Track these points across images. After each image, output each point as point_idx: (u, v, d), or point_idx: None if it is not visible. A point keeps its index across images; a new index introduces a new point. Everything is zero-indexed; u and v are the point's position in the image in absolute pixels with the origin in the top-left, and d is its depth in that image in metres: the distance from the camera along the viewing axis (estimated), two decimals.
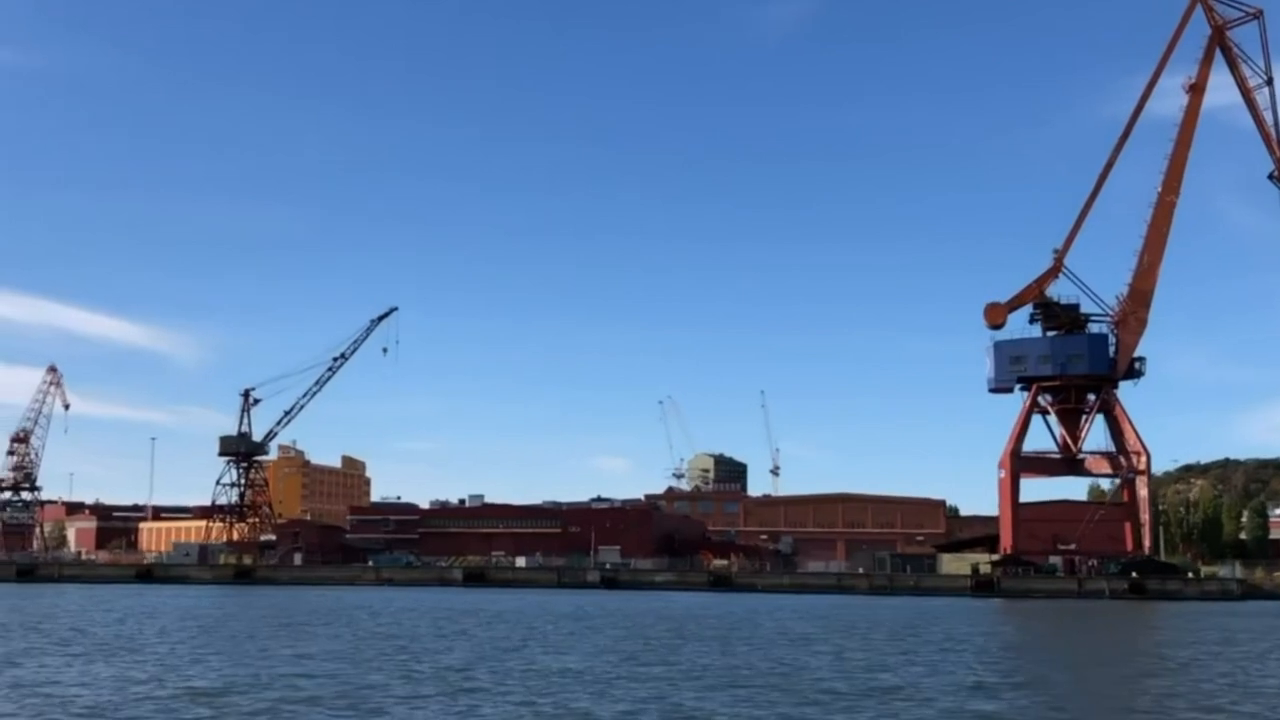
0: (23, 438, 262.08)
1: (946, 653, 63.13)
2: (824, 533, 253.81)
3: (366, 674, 48.12)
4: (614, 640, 68.36)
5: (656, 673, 50.26)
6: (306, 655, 55.97)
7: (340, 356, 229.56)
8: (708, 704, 40.28)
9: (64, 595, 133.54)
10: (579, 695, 42.09)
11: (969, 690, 45.94)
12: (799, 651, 62.35)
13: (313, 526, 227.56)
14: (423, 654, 57.91)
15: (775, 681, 47.68)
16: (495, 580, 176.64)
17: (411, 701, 39.86)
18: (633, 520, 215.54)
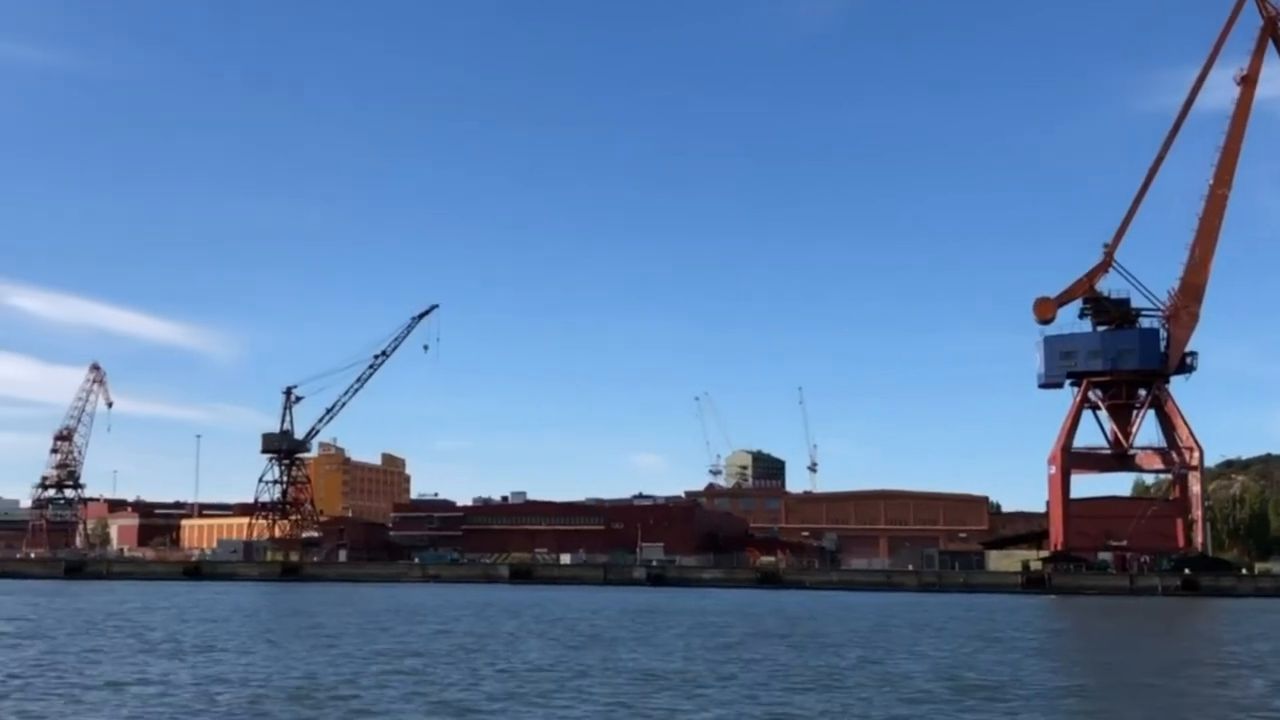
0: (66, 436, 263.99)
1: (1021, 649, 62.29)
2: (866, 529, 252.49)
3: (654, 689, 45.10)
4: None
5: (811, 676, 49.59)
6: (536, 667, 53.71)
7: (381, 354, 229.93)
8: (819, 704, 39.68)
9: (121, 592, 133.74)
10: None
11: (1066, 690, 45.20)
12: (880, 650, 61.64)
13: (357, 523, 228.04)
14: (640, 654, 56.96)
15: (870, 680, 47.07)
16: (541, 577, 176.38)
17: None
18: (676, 517, 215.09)
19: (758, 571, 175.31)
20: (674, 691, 42.49)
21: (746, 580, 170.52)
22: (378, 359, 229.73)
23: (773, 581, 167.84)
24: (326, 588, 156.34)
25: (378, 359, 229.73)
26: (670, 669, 50.16)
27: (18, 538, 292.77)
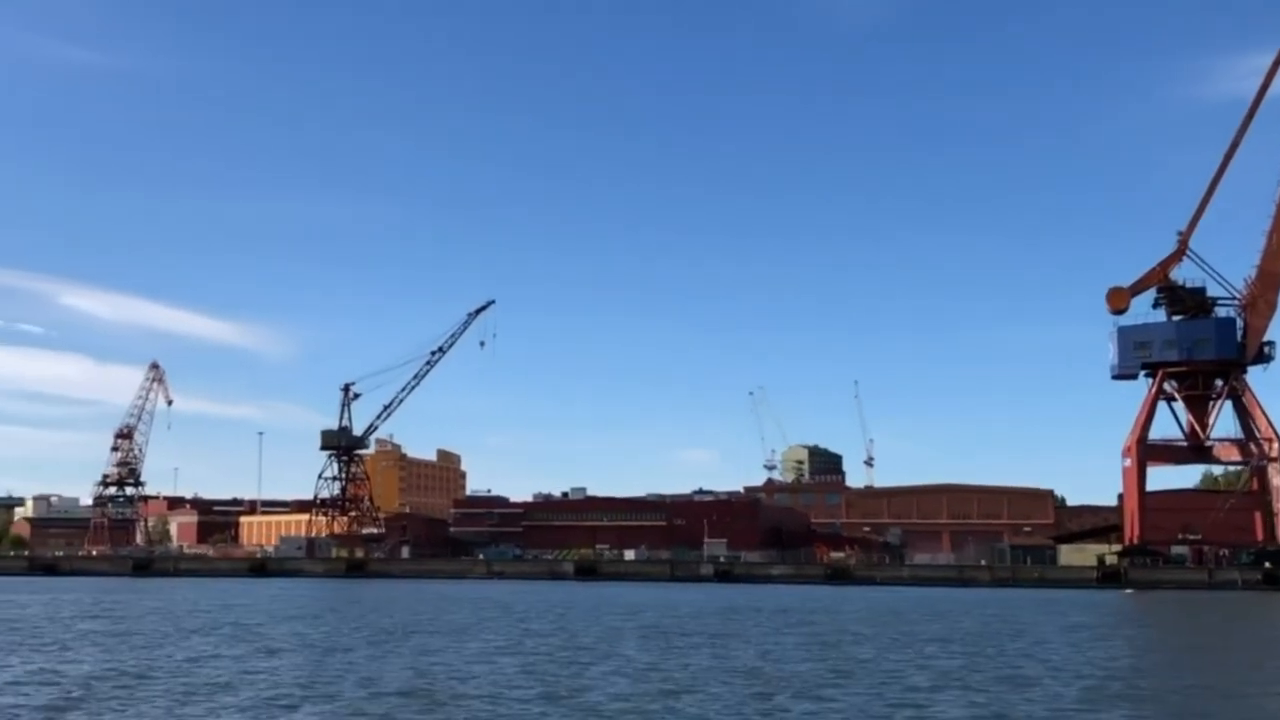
0: (126, 434, 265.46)
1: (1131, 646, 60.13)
2: (929, 524, 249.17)
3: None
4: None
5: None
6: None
7: (438, 350, 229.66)
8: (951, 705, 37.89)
9: (195, 589, 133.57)
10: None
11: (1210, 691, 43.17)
12: (992, 648, 59.68)
13: (419, 520, 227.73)
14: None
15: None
16: (606, 573, 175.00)
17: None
18: (739, 513, 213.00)
19: (827, 567, 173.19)
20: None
21: (815, 576, 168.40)
22: (434, 355, 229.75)
23: (843, 578, 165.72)
24: (396, 584, 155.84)
25: (434, 355, 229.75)
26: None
27: (78, 535, 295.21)
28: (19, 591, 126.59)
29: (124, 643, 60.00)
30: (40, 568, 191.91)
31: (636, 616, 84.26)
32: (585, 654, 55.10)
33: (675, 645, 60.01)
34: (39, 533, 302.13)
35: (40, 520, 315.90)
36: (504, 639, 62.99)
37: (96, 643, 60.09)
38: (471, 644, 59.84)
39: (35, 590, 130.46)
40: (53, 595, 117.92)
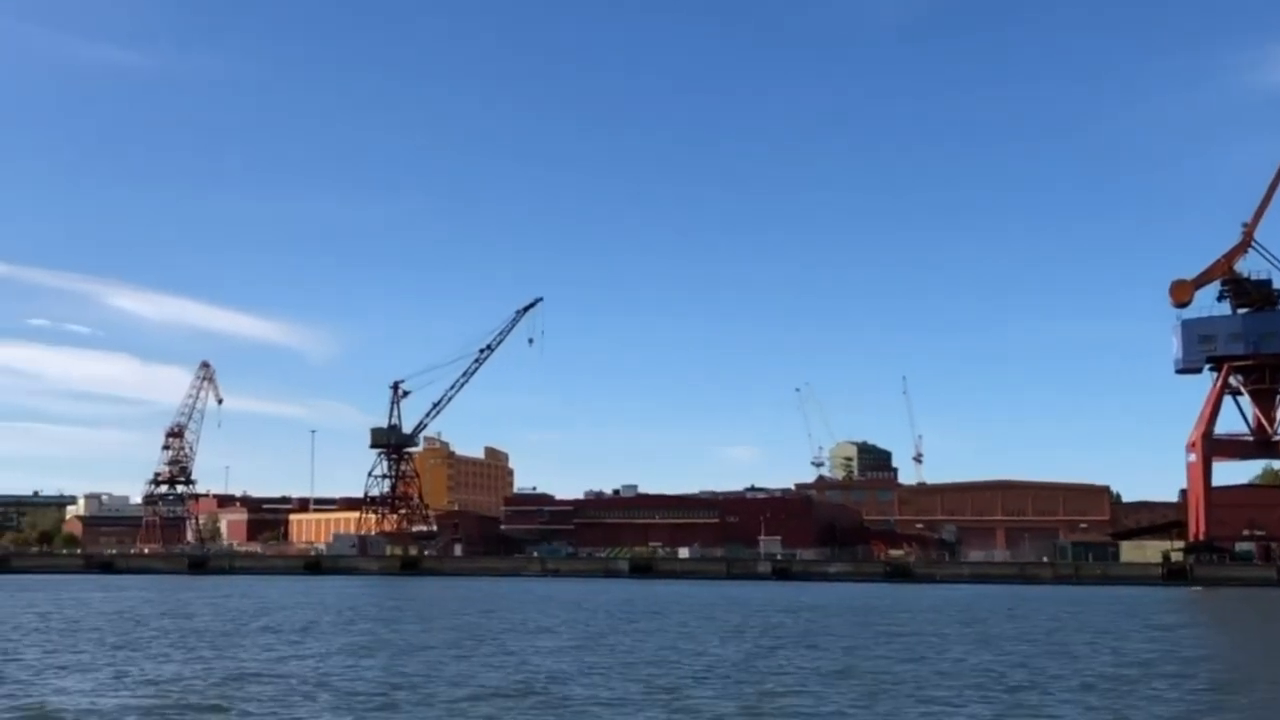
0: (177, 432, 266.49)
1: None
2: (983, 521, 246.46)
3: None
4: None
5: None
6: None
7: (486, 348, 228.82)
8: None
9: (256, 587, 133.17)
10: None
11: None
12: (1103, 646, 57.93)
13: (471, 517, 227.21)
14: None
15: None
16: (661, 571, 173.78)
17: None
18: (793, 510, 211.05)
19: (886, 565, 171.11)
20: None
21: (874, 574, 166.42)
22: (483, 353, 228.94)
23: (902, 575, 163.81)
24: (453, 582, 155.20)
25: (483, 353, 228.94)
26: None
27: (129, 534, 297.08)
28: (85, 589, 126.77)
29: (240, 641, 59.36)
30: (97, 566, 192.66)
31: (737, 615, 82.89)
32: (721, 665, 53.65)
33: (777, 645, 58.65)
34: (91, 531, 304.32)
35: (92, 519, 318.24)
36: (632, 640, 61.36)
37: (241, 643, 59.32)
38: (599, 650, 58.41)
39: (105, 588, 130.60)
40: (126, 593, 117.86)
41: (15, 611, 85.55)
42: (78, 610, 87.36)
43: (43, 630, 67.23)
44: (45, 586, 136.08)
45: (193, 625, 71.58)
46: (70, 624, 72.22)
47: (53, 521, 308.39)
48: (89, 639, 60.92)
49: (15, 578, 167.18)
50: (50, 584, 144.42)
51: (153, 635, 63.76)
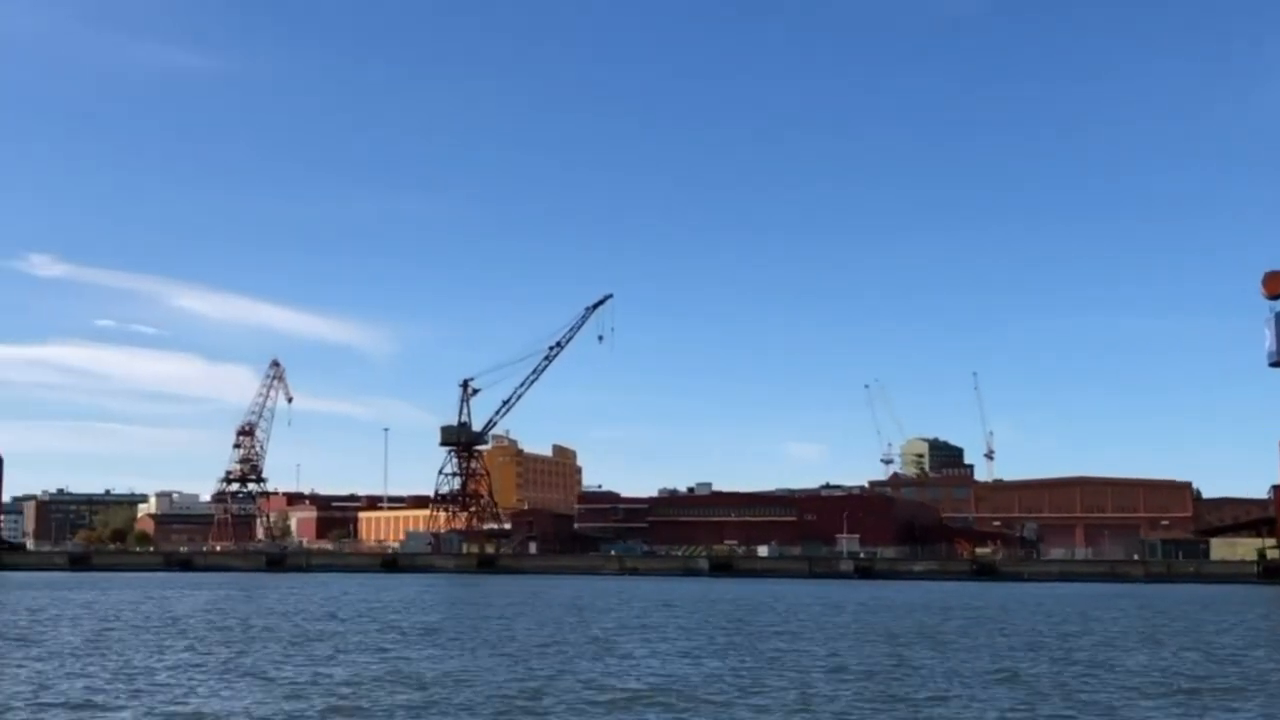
0: (248, 431, 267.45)
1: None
2: (1062, 518, 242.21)
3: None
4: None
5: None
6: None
7: (556, 345, 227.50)
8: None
9: (353, 586, 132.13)
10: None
11: None
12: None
13: (545, 515, 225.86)
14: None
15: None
16: (742, 570, 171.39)
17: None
18: (873, 508, 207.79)
19: (971, 563, 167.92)
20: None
21: (960, 572, 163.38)
22: (552, 350, 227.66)
23: (988, 573, 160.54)
24: (531, 580, 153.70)
25: (552, 350, 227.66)
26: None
27: (200, 531, 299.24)
28: (181, 587, 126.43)
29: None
30: (176, 563, 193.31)
31: (886, 617, 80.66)
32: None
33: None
34: (162, 529, 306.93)
35: (164, 516, 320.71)
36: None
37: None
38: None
39: (198, 586, 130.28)
40: (224, 590, 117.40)
41: (147, 610, 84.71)
42: (223, 610, 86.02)
43: (229, 629, 66.24)
44: (139, 584, 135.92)
45: (338, 627, 70.15)
46: (242, 624, 70.53)
47: (125, 519, 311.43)
48: (275, 639, 59.74)
49: (97, 575, 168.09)
50: (138, 581, 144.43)
51: (334, 634, 62.94)
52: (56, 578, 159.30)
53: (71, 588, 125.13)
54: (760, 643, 58.04)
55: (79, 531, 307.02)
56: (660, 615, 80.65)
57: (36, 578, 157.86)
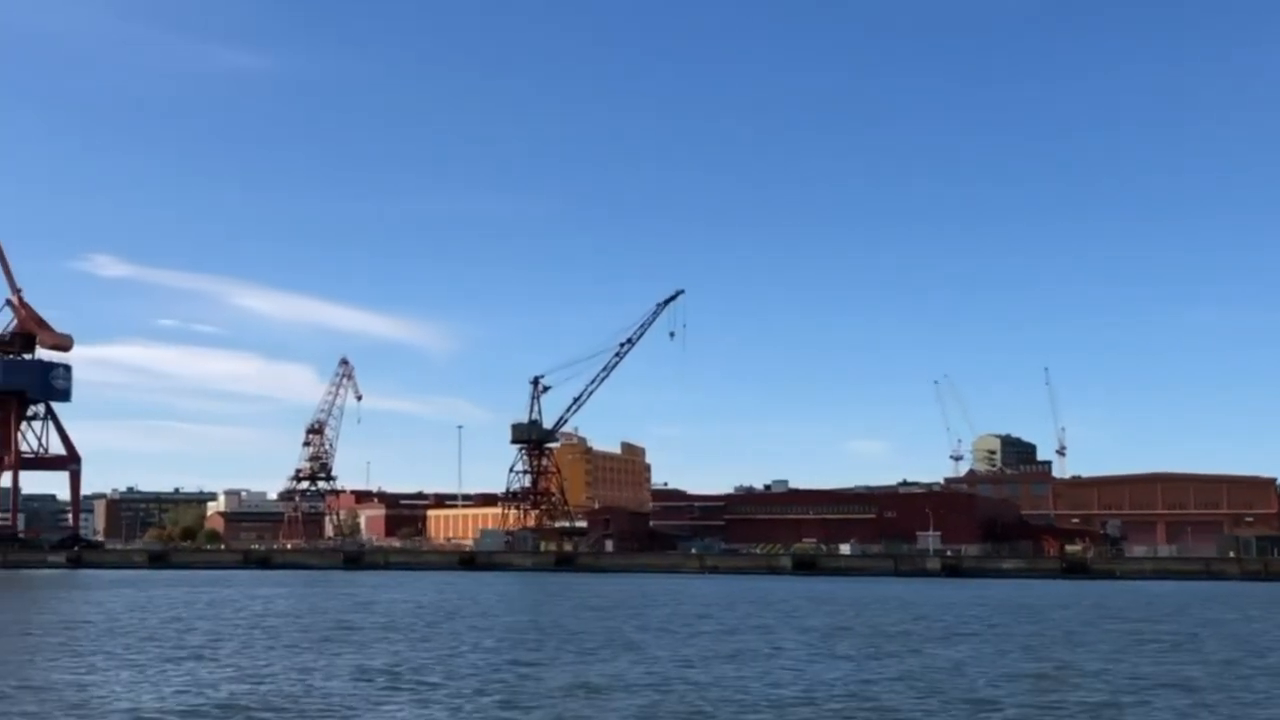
0: (318, 429, 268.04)
1: None
2: (1143, 515, 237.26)
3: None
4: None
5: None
6: None
7: (627, 342, 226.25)
8: None
9: (440, 583, 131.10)
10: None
11: None
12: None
13: (622, 513, 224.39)
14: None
15: None
16: (826, 568, 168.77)
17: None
18: (955, 505, 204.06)
19: (1062, 561, 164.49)
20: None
21: (1050, 570, 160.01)
22: (623, 347, 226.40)
23: (1080, 571, 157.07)
24: (613, 579, 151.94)
25: (623, 347, 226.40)
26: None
27: (268, 529, 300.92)
28: (271, 585, 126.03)
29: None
30: (254, 561, 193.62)
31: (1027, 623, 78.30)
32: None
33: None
34: (232, 526, 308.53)
35: (233, 514, 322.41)
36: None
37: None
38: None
39: (286, 584, 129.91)
40: (326, 588, 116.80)
41: (286, 611, 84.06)
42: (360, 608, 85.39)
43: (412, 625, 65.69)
44: (226, 582, 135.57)
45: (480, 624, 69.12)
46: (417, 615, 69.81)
47: (194, 518, 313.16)
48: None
49: (176, 573, 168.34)
50: (224, 579, 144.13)
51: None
52: (144, 576, 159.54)
53: (171, 585, 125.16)
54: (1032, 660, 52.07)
55: (148, 529, 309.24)
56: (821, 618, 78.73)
57: (125, 576, 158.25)
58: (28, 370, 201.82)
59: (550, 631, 64.18)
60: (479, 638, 60.66)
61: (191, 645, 56.40)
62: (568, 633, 63.20)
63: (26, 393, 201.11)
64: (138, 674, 44.82)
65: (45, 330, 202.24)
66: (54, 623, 70.60)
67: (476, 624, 70.07)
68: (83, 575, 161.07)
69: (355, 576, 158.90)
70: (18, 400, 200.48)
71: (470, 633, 63.69)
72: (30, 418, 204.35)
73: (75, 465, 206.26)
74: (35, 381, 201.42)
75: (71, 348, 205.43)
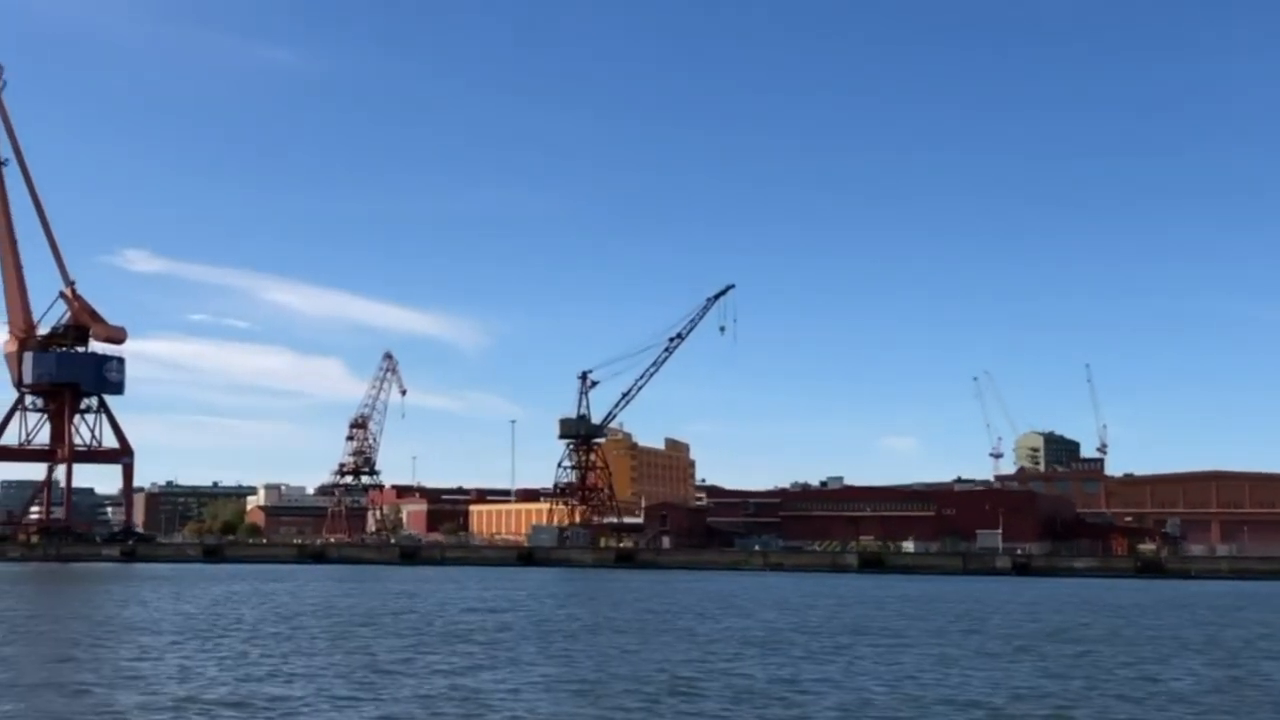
0: (361, 423, 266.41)
1: None
2: (1198, 513, 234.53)
3: None
4: None
5: None
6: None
7: (677, 336, 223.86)
8: None
9: (508, 580, 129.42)
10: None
11: None
12: None
13: (680, 509, 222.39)
14: None
15: None
16: (894, 566, 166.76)
17: None
18: (1016, 503, 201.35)
19: (1137, 560, 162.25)
20: None
21: (1124, 570, 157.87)
22: (672, 342, 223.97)
23: (1154, 571, 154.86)
24: (678, 575, 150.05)
25: (672, 342, 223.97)
26: None
27: (307, 523, 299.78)
28: (348, 581, 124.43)
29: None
30: (310, 555, 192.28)
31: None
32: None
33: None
34: (272, 521, 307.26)
35: (274, 509, 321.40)
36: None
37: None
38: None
39: (360, 579, 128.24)
40: (423, 585, 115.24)
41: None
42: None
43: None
44: (290, 577, 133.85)
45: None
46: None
47: (233, 512, 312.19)
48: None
49: (234, 567, 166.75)
50: (293, 574, 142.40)
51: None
52: (201, 570, 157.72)
53: (253, 580, 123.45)
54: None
55: (187, 523, 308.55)
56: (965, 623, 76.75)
57: (184, 570, 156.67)
58: (81, 363, 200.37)
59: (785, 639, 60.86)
60: (722, 648, 55.86)
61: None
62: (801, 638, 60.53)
63: (80, 385, 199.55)
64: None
65: (99, 323, 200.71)
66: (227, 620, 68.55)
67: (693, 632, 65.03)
68: (145, 569, 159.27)
69: (418, 572, 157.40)
70: (71, 393, 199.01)
71: (715, 643, 58.25)
72: (84, 410, 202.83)
73: (128, 459, 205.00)
74: (89, 374, 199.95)
75: (125, 340, 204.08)
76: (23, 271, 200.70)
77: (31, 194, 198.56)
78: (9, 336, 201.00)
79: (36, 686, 39.43)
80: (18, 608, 78.14)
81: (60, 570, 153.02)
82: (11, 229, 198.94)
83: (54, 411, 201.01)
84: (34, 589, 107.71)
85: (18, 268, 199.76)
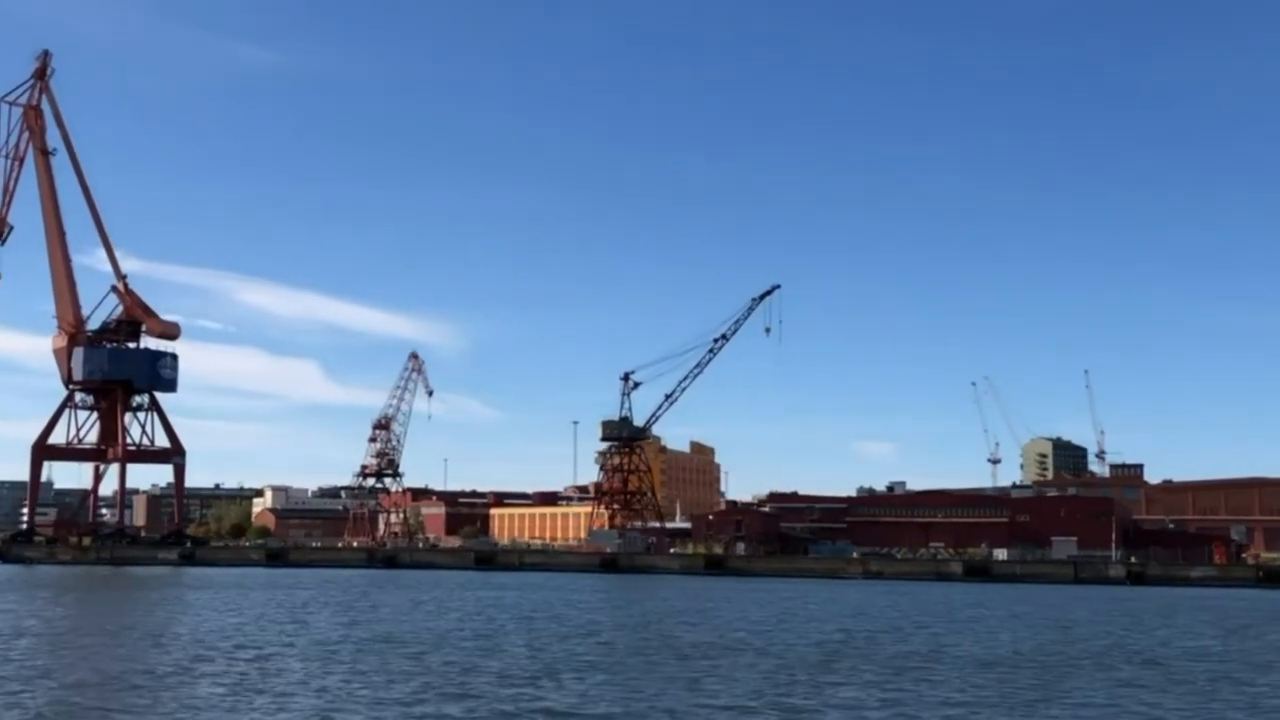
0: (384, 425, 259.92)
1: None
2: (1240, 520, 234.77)
3: None
4: None
5: None
6: None
7: (721, 338, 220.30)
8: None
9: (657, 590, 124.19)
10: None
11: None
12: None
13: (755, 514, 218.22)
14: None
15: None
16: (1000, 575, 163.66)
17: None
18: (1094, 509, 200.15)
19: (1259, 570, 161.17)
20: None
21: (1244, 579, 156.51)
22: (717, 343, 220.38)
23: (1276, 580, 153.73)
24: (784, 584, 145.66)
25: (717, 343, 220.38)
26: None
27: (312, 526, 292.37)
28: (484, 590, 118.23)
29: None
30: (379, 560, 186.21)
31: None
32: None
33: None
34: (281, 524, 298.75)
35: (284, 511, 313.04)
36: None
37: None
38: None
39: (495, 587, 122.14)
40: (565, 594, 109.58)
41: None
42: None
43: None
44: (434, 584, 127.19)
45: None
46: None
47: (240, 514, 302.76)
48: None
49: (304, 572, 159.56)
50: (436, 579, 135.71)
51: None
52: (269, 575, 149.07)
53: (377, 588, 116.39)
54: None
55: (190, 525, 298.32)
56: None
57: (251, 574, 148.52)
58: (135, 359, 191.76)
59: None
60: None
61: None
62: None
63: (132, 382, 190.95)
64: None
65: (152, 318, 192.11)
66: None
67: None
68: (211, 574, 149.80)
69: (493, 577, 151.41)
70: (123, 390, 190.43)
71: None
72: (135, 409, 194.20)
73: (180, 458, 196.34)
74: (142, 371, 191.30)
75: (179, 336, 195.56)
76: (72, 265, 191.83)
77: (82, 186, 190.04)
78: (57, 332, 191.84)
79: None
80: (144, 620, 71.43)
81: (125, 575, 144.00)
82: (60, 222, 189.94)
83: (105, 410, 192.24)
84: (172, 598, 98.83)
85: (66, 261, 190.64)
